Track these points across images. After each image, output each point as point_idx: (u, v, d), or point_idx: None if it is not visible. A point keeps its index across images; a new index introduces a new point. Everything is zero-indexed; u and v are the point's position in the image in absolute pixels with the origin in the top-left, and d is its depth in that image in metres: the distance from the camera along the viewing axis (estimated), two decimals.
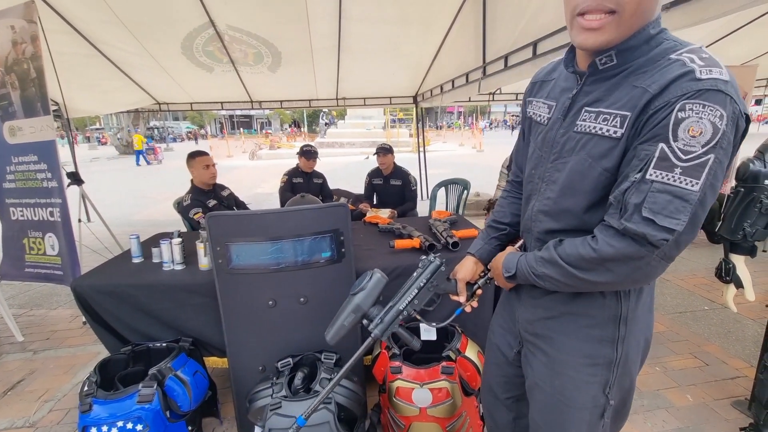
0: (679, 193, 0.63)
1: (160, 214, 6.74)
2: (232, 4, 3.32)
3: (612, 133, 0.71)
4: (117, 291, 1.69)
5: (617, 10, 0.66)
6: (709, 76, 0.62)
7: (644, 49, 0.70)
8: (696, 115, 0.61)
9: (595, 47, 0.70)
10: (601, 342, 0.85)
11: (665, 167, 0.63)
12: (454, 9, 3.45)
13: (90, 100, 4.98)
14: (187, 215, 2.62)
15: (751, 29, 4.04)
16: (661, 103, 0.64)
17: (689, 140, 0.62)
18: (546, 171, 0.85)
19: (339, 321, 0.99)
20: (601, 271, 0.72)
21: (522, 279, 0.87)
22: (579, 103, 0.78)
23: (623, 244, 0.68)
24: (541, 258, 0.81)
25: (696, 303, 2.91)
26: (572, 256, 0.75)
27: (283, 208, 1.95)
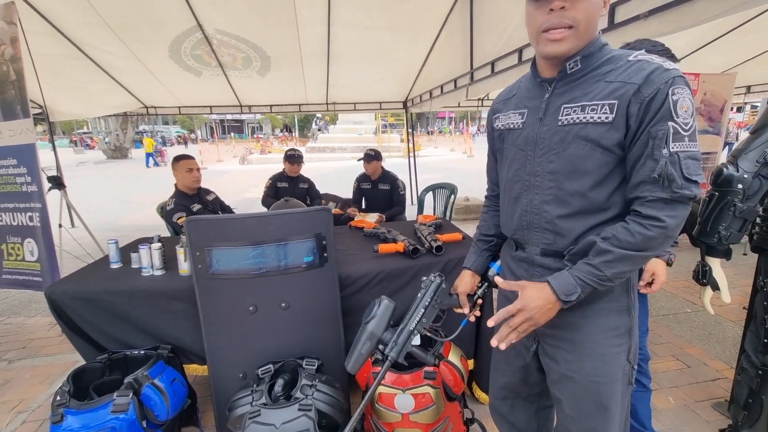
0: (694, 155, 0.81)
1: (146, 218, 6.64)
2: (221, 8, 3.31)
3: (604, 119, 0.84)
4: (93, 297, 1.65)
5: (574, 26, 0.83)
6: (672, 67, 0.81)
7: (600, 54, 0.87)
8: (682, 96, 0.79)
9: (560, 54, 0.86)
10: (619, 312, 0.94)
11: (679, 139, 0.79)
12: (442, 16, 3.49)
13: (74, 102, 4.91)
14: (170, 220, 2.59)
15: (730, 38, 4.15)
16: (652, 91, 0.79)
17: (684, 115, 0.79)
18: (537, 166, 0.94)
19: (357, 350, 1.03)
20: (667, 240, 0.83)
21: (585, 293, 0.86)
22: (556, 104, 0.90)
23: (680, 210, 0.81)
24: (605, 262, 0.84)
25: (678, 306, 2.95)
26: (638, 242, 0.82)
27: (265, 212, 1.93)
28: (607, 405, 0.96)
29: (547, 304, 0.87)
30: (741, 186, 1.32)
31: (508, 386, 1.18)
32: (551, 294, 0.87)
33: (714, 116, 5.15)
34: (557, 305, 0.87)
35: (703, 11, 1.73)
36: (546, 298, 0.87)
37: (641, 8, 1.88)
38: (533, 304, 0.87)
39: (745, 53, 4.67)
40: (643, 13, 1.90)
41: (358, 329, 1.05)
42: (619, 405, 0.97)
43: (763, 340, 1.47)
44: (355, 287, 1.75)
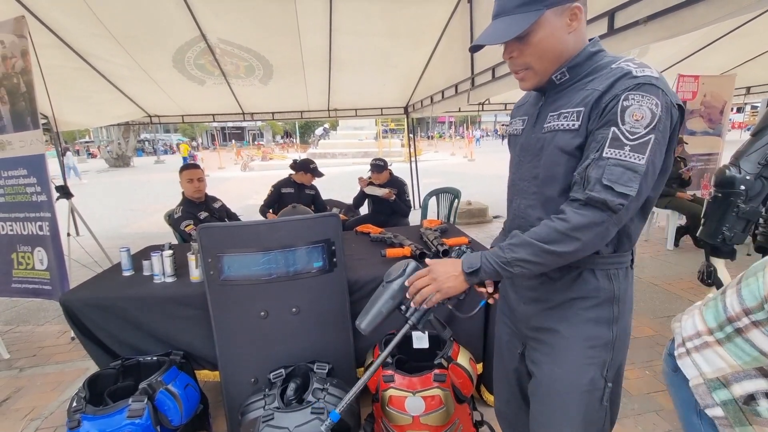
0: (630, 166, 0.77)
1: (150, 226, 6.68)
2: (224, 18, 3.36)
3: (571, 126, 0.85)
4: (107, 304, 1.68)
5: (528, 67, 0.89)
6: (642, 73, 0.79)
7: (589, 63, 0.88)
8: (637, 103, 0.76)
9: (528, 89, 0.95)
10: (598, 323, 0.92)
11: (617, 146, 0.77)
12: (442, 22, 3.54)
13: (80, 113, 4.96)
14: (178, 227, 2.62)
15: (729, 41, 4.19)
16: (610, 97, 0.79)
17: (634, 123, 0.77)
18: (526, 171, 0.97)
19: (376, 308, 0.99)
20: (570, 240, 0.80)
21: (486, 272, 0.88)
22: (545, 112, 0.93)
23: (589, 212, 0.79)
24: (510, 245, 0.86)
25: (684, 306, 2.92)
26: (543, 232, 0.82)
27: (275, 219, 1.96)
28: (572, 416, 0.94)
29: (452, 271, 0.92)
30: (743, 187, 1.34)
31: (508, 389, 1.17)
32: (459, 264, 0.92)
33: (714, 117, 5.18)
34: (461, 275, 0.91)
35: (702, 16, 1.76)
36: (453, 265, 0.93)
37: (641, 14, 1.92)
38: (441, 268, 0.94)
39: (745, 54, 4.71)
40: (642, 19, 1.93)
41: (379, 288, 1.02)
42: (585, 420, 0.94)
43: None
44: (363, 292, 1.77)
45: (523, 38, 0.85)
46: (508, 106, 6.58)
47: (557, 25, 0.84)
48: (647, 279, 3.51)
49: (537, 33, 0.84)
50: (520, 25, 0.83)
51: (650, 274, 3.63)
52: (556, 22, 0.84)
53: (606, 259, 0.90)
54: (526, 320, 1.01)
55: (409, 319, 0.99)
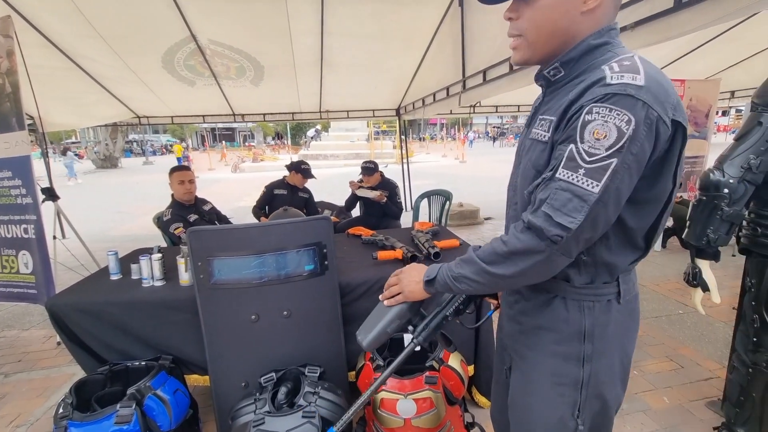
0: (579, 193, 0.66)
1: (139, 229, 6.59)
2: (214, 19, 3.34)
3: (542, 138, 0.76)
4: (94, 309, 1.65)
5: (522, 34, 0.77)
6: (618, 81, 0.65)
7: (586, 59, 0.74)
8: (602, 118, 0.64)
9: (516, 63, 0.82)
10: (567, 359, 0.82)
11: (571, 167, 0.67)
12: (434, 26, 3.55)
13: (67, 113, 4.88)
14: (167, 230, 2.59)
15: (714, 45, 4.28)
16: (576, 108, 0.68)
17: (594, 142, 0.65)
18: (513, 178, 0.89)
19: (380, 326, 0.94)
20: (507, 264, 0.73)
21: (441, 284, 0.85)
22: (539, 113, 0.82)
23: (527, 237, 0.70)
24: (460, 260, 0.81)
25: (671, 307, 3.01)
26: (486, 251, 0.76)
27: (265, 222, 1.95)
28: None
29: (416, 277, 0.90)
30: (727, 191, 1.37)
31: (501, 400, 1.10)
32: (423, 272, 0.89)
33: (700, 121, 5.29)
34: (421, 283, 0.88)
35: (687, 22, 1.80)
36: (419, 272, 0.90)
37: (628, 19, 1.95)
38: (408, 272, 0.93)
39: (729, 59, 4.82)
40: (629, 24, 1.97)
41: None
42: None
43: (753, 338, 1.52)
44: (355, 294, 1.77)
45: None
46: (500, 108, 6.64)
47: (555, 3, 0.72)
48: None
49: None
50: None
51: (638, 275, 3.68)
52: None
53: (579, 290, 0.80)
54: (509, 338, 0.96)
55: (415, 338, 0.94)
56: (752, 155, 1.37)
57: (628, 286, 0.83)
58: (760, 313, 1.48)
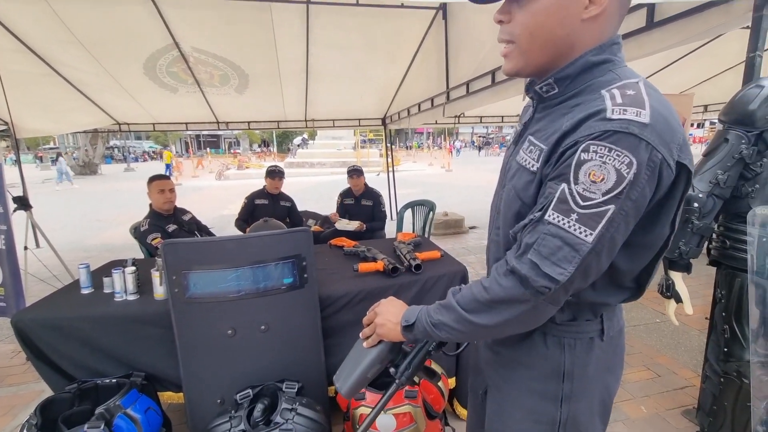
0: (570, 241, 0.59)
1: (117, 238, 6.41)
2: (198, 27, 3.31)
3: (531, 167, 0.68)
4: (63, 325, 1.59)
5: (514, 41, 0.68)
6: (621, 116, 0.57)
7: (584, 77, 0.65)
8: (600, 158, 0.57)
9: (507, 73, 0.73)
10: (543, 398, 0.77)
11: (563, 210, 0.60)
12: (418, 38, 3.60)
13: (43, 119, 4.75)
14: (144, 241, 2.52)
15: (687, 61, 4.45)
16: (570, 142, 0.60)
17: (589, 185, 0.58)
18: (497, 198, 0.82)
19: (359, 373, 0.85)
20: (490, 313, 0.66)
21: (420, 331, 0.76)
22: (528, 132, 0.74)
23: (510, 284, 0.64)
24: (440, 305, 0.74)
25: (648, 316, 3.07)
26: (466, 297, 0.69)
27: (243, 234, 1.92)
28: None
29: (393, 318, 0.81)
30: (697, 205, 1.42)
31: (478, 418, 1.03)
32: (401, 315, 0.80)
33: None
34: (398, 327, 0.79)
35: (659, 41, 1.87)
36: (396, 309, 0.82)
37: None
38: (386, 310, 0.84)
39: (701, 75, 5.01)
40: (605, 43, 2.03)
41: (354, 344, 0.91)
42: None
43: (724, 348, 1.55)
44: (335, 307, 1.75)
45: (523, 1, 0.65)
46: (484, 119, 6.75)
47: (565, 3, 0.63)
48: None
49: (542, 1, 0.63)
50: None
51: None
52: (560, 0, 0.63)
53: (559, 326, 0.74)
54: (486, 364, 0.90)
55: (399, 379, 0.87)
56: (720, 171, 1.41)
57: (612, 323, 0.77)
58: (730, 324, 1.52)
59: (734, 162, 1.41)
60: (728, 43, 3.84)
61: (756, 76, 1.51)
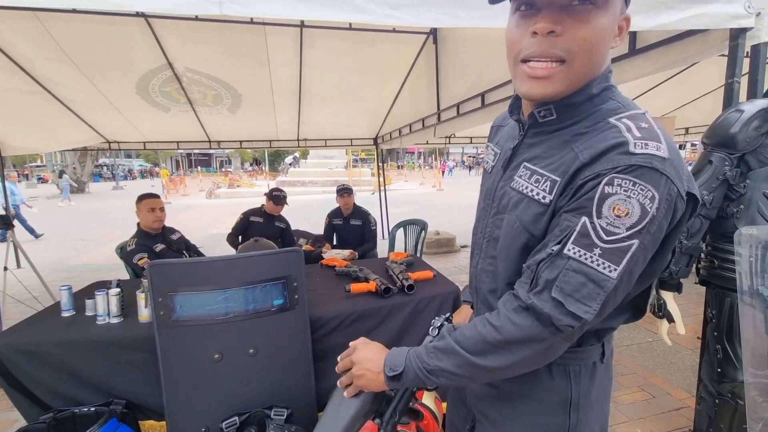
0: (595, 277, 0.56)
1: (102, 258, 6.27)
2: (192, 47, 3.35)
3: (541, 198, 0.64)
4: (40, 351, 1.52)
5: (566, 59, 0.59)
6: (644, 151, 0.56)
7: (586, 106, 0.64)
8: (624, 192, 0.55)
9: (541, 98, 0.63)
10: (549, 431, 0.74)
11: (585, 245, 0.57)
12: (410, 61, 3.69)
13: (31, 137, 4.70)
14: (130, 261, 2.46)
15: (669, 86, 4.62)
16: (591, 174, 0.58)
17: (613, 219, 0.56)
18: (487, 226, 0.77)
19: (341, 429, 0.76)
20: (502, 355, 0.62)
21: (411, 380, 0.68)
22: (520, 157, 0.71)
23: (527, 323, 0.60)
24: (435, 348, 0.67)
25: (640, 335, 3.07)
26: (471, 339, 0.64)
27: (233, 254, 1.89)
28: None
29: (373, 367, 0.71)
30: None
31: None
32: (383, 361, 0.71)
33: None
34: (381, 377, 0.70)
35: (641, 67, 1.94)
36: (375, 355, 0.72)
37: None
38: (361, 354, 0.73)
39: (682, 99, 5.20)
40: None
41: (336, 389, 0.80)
42: None
43: (717, 369, 1.55)
44: (326, 329, 1.71)
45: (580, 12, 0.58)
46: (474, 139, 6.87)
47: (613, 24, 0.60)
48: None
49: (603, 15, 0.58)
50: None
51: None
52: (614, 19, 0.60)
53: (565, 354, 0.69)
54: (475, 400, 0.84)
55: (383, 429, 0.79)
56: (705, 191, 1.44)
57: (611, 345, 0.77)
58: (722, 344, 1.52)
59: (719, 183, 1.44)
60: (706, 69, 4.00)
61: (735, 101, 1.57)
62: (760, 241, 1.39)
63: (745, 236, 1.36)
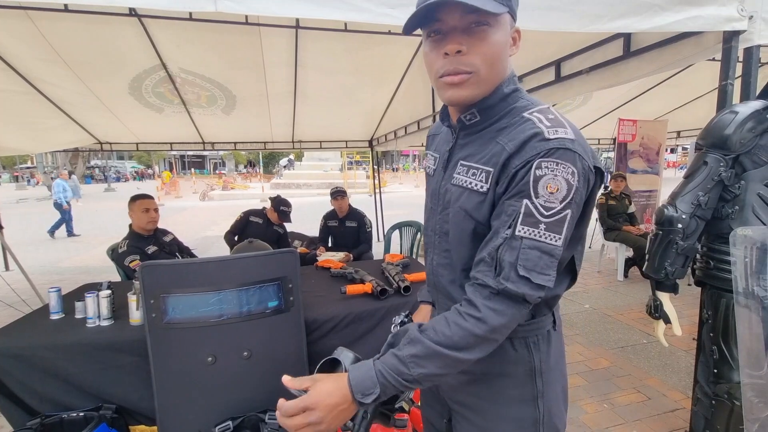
0: (547, 249, 0.65)
1: (93, 259, 6.18)
2: (185, 48, 3.32)
3: (479, 188, 0.73)
4: (27, 354, 1.48)
5: (473, 71, 0.70)
6: (555, 135, 0.66)
7: (501, 106, 0.75)
8: (551, 172, 0.65)
9: (460, 101, 0.74)
10: (522, 401, 0.79)
11: (531, 223, 0.65)
12: (405, 63, 3.69)
13: (21, 138, 4.63)
14: (122, 263, 2.42)
15: (661, 90, 4.67)
16: (520, 162, 0.67)
17: (548, 197, 0.65)
18: (437, 223, 0.84)
19: None
20: (487, 343, 0.67)
21: (388, 394, 0.67)
22: (456, 157, 0.80)
23: (505, 306, 0.66)
24: (413, 357, 0.66)
25: (635, 337, 3.08)
26: (456, 336, 0.65)
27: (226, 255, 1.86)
28: None
29: (342, 403, 0.65)
30: (681, 225, 1.44)
31: None
32: (346, 390, 0.65)
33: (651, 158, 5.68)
34: (352, 405, 0.66)
35: (635, 69, 1.95)
36: (342, 393, 0.65)
37: (584, 65, 2.09)
38: (326, 401, 0.64)
39: (674, 102, 5.25)
40: (585, 69, 2.11)
41: None
42: None
43: (713, 370, 1.55)
44: (322, 331, 1.69)
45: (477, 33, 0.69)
46: None
47: (506, 38, 0.72)
48: (602, 310, 3.64)
49: (497, 32, 0.70)
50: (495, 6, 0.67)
51: (604, 305, 3.78)
52: (506, 34, 0.72)
53: (523, 328, 0.76)
54: (449, 390, 0.87)
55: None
56: (701, 192, 1.45)
57: (558, 312, 0.85)
58: (718, 345, 1.52)
59: (714, 184, 1.45)
60: (698, 72, 4.05)
61: (729, 103, 1.58)
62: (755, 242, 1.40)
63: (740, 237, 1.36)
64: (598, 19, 1.45)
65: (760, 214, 1.43)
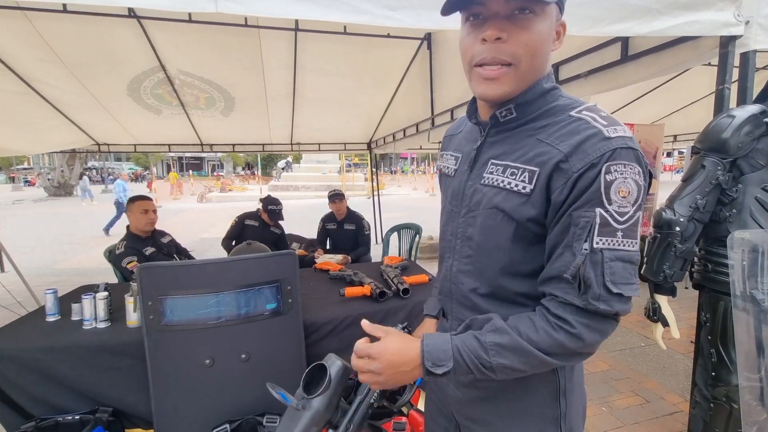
0: (628, 257, 0.62)
1: (90, 261, 6.14)
2: (184, 50, 3.32)
3: (521, 189, 0.67)
4: (22, 357, 1.47)
5: (513, 62, 0.65)
6: (616, 134, 0.63)
7: (540, 102, 0.70)
8: (621, 175, 0.61)
9: (495, 98, 0.69)
10: (543, 421, 0.75)
11: (608, 233, 0.61)
12: (404, 66, 3.70)
13: (18, 139, 4.61)
14: (119, 265, 2.41)
15: (658, 94, 4.70)
16: (582, 165, 0.62)
17: (621, 201, 0.61)
18: (459, 226, 0.78)
19: None
20: (579, 357, 0.66)
21: (462, 373, 0.66)
22: (485, 155, 0.75)
23: (601, 324, 0.63)
24: (498, 345, 0.64)
25: (633, 340, 3.08)
26: (540, 340, 0.63)
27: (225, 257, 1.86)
28: None
29: (406, 364, 0.66)
30: (678, 228, 1.44)
31: None
32: (418, 354, 0.66)
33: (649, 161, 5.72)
34: (417, 371, 0.66)
35: (633, 73, 1.96)
36: (410, 356, 0.66)
37: (582, 68, 2.10)
38: (388, 357, 0.66)
39: (671, 106, 5.29)
40: (583, 73, 2.12)
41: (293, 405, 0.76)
42: None
43: (711, 373, 1.55)
44: (320, 334, 1.69)
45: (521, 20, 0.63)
46: None
47: (551, 30, 0.67)
48: None
49: (542, 22, 0.65)
50: None
51: None
52: (551, 25, 0.67)
53: None
54: (458, 406, 0.83)
55: None
56: (698, 196, 1.45)
57: None
58: (717, 348, 1.53)
59: (712, 187, 1.45)
60: (694, 77, 4.08)
61: (726, 107, 1.59)
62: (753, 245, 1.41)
63: (737, 240, 1.37)
64: (597, 22, 1.46)
65: (758, 218, 1.44)
